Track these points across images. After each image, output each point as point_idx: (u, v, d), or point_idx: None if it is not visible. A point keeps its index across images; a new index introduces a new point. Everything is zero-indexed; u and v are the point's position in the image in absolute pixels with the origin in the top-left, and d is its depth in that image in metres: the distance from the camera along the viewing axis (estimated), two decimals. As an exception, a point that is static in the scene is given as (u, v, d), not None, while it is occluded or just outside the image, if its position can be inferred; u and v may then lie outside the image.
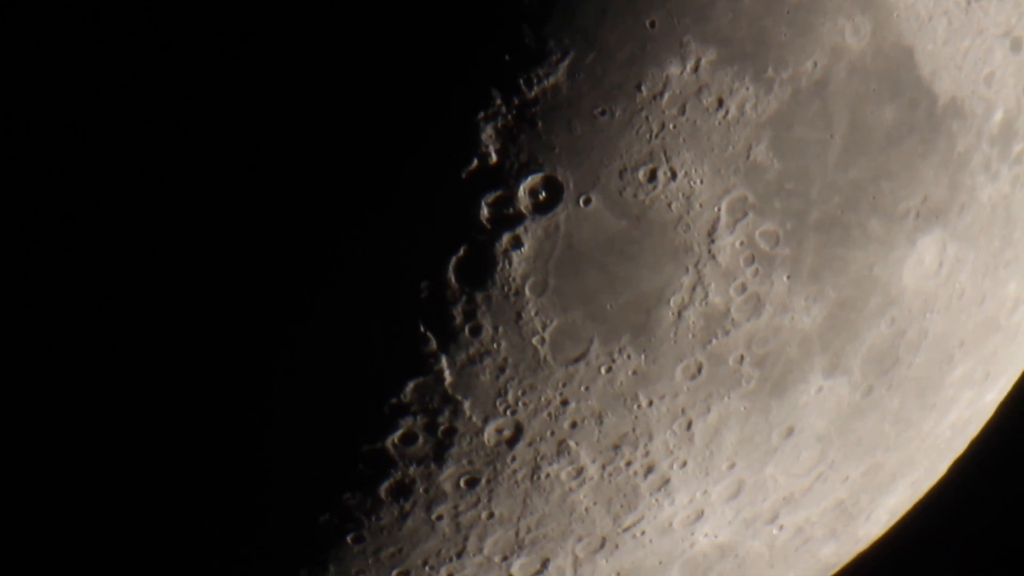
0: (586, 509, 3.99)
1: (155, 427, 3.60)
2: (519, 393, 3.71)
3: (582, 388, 3.74)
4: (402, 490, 3.82)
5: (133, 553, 3.84)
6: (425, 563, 3.99)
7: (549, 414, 3.76)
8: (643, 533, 4.14)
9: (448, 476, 3.81)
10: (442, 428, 3.72)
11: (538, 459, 3.83)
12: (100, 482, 3.69)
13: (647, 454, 3.93)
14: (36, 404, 3.58)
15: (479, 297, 3.58)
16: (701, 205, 3.62)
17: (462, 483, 3.84)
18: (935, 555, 7.71)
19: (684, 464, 3.99)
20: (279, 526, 3.83)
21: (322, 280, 3.49)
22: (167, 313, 3.47)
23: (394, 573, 4.01)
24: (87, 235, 3.41)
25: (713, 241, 3.66)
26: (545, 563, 4.11)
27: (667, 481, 4.01)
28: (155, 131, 3.34)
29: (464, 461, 3.79)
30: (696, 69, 3.50)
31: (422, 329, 3.58)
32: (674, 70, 3.49)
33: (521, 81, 3.43)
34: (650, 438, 3.89)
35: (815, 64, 3.59)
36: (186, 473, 3.68)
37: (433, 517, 3.89)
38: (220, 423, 3.62)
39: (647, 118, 3.51)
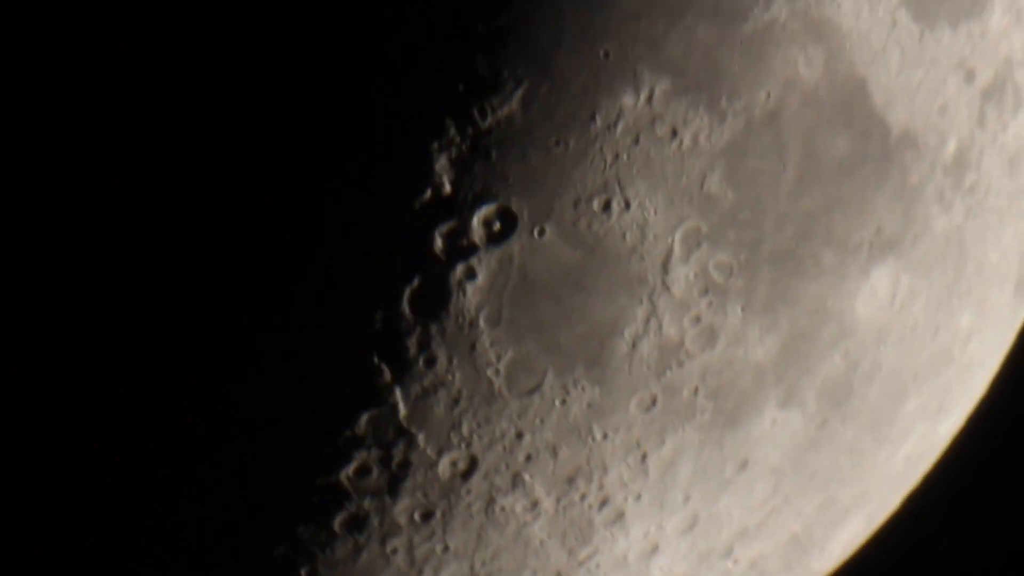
0: (541, 542, 3.97)
1: (108, 459, 3.57)
2: (474, 425, 3.69)
3: (537, 420, 3.73)
4: (357, 523, 3.79)
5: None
6: (379, 597, 3.97)
7: (504, 447, 3.74)
8: (598, 567, 4.12)
9: (403, 509, 3.79)
10: (396, 461, 3.70)
11: (493, 492, 3.81)
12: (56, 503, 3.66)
13: (602, 487, 3.91)
14: None
15: (433, 328, 3.56)
16: (655, 236, 3.61)
17: (417, 516, 3.81)
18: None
19: (639, 497, 3.98)
20: (233, 559, 3.80)
21: (274, 311, 3.47)
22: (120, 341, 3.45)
23: (348, 607, 3.98)
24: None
25: (667, 272, 3.66)
26: (500, 597, 4.09)
27: (622, 514, 4.00)
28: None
29: (419, 494, 3.77)
30: (650, 99, 3.51)
31: (376, 361, 3.56)
32: (628, 100, 3.49)
33: (475, 111, 3.43)
34: (605, 471, 3.88)
35: (768, 95, 3.60)
36: (139, 504, 3.65)
37: (388, 550, 3.86)
38: (172, 455, 3.58)
39: (601, 148, 3.51)
